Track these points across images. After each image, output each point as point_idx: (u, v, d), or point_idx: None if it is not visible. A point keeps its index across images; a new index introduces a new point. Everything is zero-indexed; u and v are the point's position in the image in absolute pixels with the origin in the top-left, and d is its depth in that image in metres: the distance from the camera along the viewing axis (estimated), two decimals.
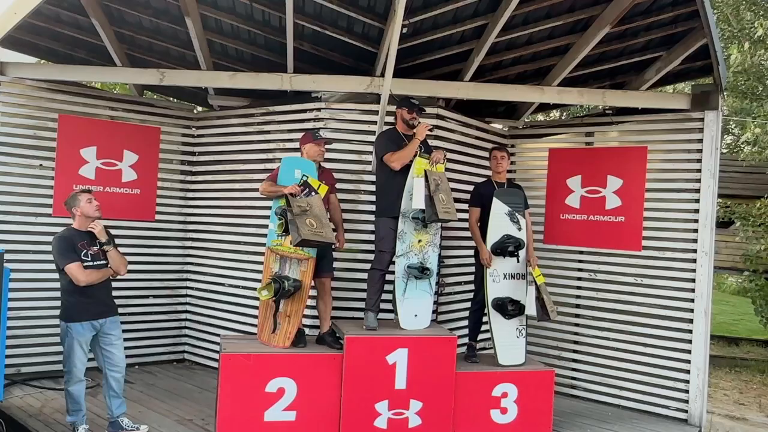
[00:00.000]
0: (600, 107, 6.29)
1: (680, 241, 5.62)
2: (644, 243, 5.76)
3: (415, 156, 4.81)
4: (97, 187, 5.88)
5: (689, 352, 5.49)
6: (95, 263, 4.30)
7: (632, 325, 5.80)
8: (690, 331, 5.49)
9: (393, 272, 4.85)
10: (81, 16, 5.53)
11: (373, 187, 5.24)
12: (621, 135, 6.05)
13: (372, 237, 5.11)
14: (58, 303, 4.36)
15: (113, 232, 4.54)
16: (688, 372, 5.48)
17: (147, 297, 6.42)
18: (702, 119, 5.53)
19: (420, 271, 4.80)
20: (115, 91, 8.77)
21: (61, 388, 4.52)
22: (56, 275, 4.34)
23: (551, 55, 6.11)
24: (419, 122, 4.91)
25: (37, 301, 5.70)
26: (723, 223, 12.27)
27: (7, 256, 5.37)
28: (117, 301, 4.60)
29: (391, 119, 5.20)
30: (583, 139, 6.28)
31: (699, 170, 5.51)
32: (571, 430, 5.10)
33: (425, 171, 4.80)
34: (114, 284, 4.58)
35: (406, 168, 4.81)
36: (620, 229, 5.87)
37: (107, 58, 5.94)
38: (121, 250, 4.53)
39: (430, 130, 4.90)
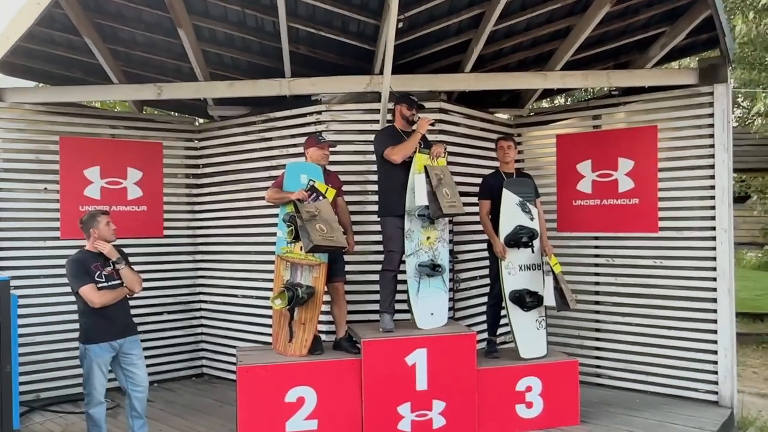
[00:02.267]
0: (605, 89, 6.17)
1: (698, 219, 5.48)
2: (661, 224, 5.63)
3: (414, 152, 4.73)
4: (102, 206, 5.83)
5: (715, 332, 5.35)
6: (110, 283, 4.24)
7: (654, 309, 5.67)
8: (714, 311, 5.36)
9: (405, 272, 4.76)
10: (74, 35, 5.49)
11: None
12: (629, 116, 5.92)
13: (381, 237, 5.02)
14: (72, 326, 4.33)
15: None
16: (715, 352, 5.35)
17: (161, 314, 6.38)
18: (711, 93, 5.37)
19: (431, 269, 4.72)
20: (116, 110, 8.77)
21: (81, 411, 4.48)
22: (69, 298, 4.30)
23: (552, 39, 6.00)
24: (419, 118, 4.83)
25: (52, 326, 5.68)
26: (739, 198, 12.07)
27: (18, 282, 5.38)
28: None
29: (391, 117, 5.12)
30: (591, 123, 6.15)
31: (712, 145, 5.37)
32: (600, 419, 4.99)
33: (425, 166, 4.71)
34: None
35: (408, 165, 4.73)
36: (635, 211, 5.75)
37: (104, 76, 5.91)
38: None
39: (432, 124, 4.81)
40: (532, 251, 5.08)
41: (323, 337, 5.01)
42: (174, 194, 6.52)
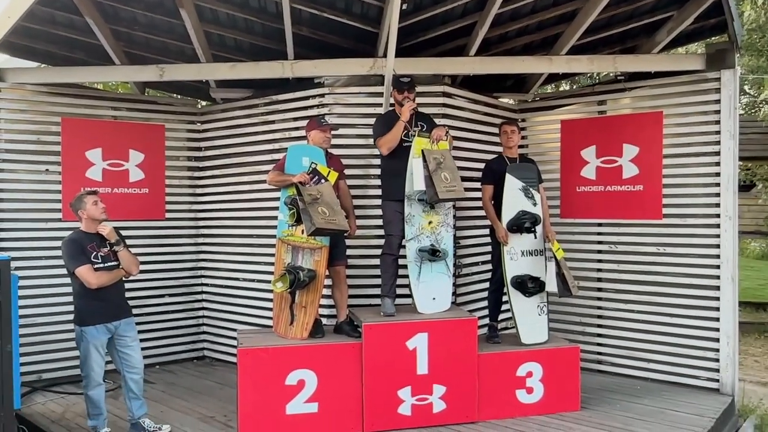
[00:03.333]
0: (611, 74, 6.11)
1: (702, 207, 5.44)
2: (665, 211, 5.59)
3: (414, 136, 4.70)
4: (105, 188, 5.81)
5: (717, 320, 5.34)
6: (106, 265, 4.23)
7: (657, 296, 5.65)
8: (717, 299, 5.34)
9: (405, 256, 4.74)
10: (75, 15, 5.44)
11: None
12: (634, 101, 5.86)
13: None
14: (73, 307, 4.32)
15: (124, 233, 4.48)
16: (717, 340, 5.34)
17: (163, 296, 6.39)
18: (718, 79, 5.32)
19: (431, 254, 4.68)
20: (118, 91, 8.73)
21: (82, 393, 4.49)
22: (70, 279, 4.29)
23: (558, 23, 5.92)
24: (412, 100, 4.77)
25: (54, 307, 5.68)
26: (744, 187, 11.99)
27: (19, 263, 5.39)
28: (133, 302, 4.55)
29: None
30: (596, 108, 6.10)
31: (718, 132, 5.32)
32: (600, 406, 4.98)
33: (422, 150, 4.66)
34: (129, 284, 4.53)
35: (409, 149, 4.69)
36: (639, 198, 5.71)
37: (105, 57, 5.86)
38: (133, 250, 4.47)
39: (414, 109, 4.75)
40: (535, 237, 5.05)
41: (324, 320, 5.01)
42: (176, 177, 6.50)
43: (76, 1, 5.10)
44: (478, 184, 5.32)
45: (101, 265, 4.20)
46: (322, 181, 4.52)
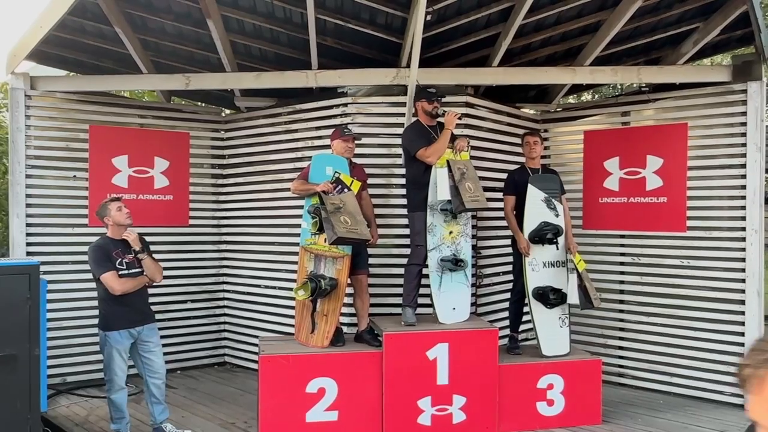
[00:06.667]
0: (635, 85, 6.07)
1: (727, 220, 5.39)
2: (689, 223, 5.54)
3: None
4: (130, 195, 5.93)
5: (743, 334, 5.26)
6: (131, 271, 4.29)
7: (680, 309, 5.58)
8: (743, 313, 5.26)
9: (427, 266, 4.75)
10: (105, 25, 5.55)
11: (404, 181, 5.14)
12: (659, 113, 5.83)
13: (406, 231, 5.01)
14: (98, 312, 4.38)
15: (148, 239, 4.54)
16: (742, 355, 5.23)
17: (185, 302, 6.46)
18: (744, 91, 5.27)
19: (454, 263, 4.69)
20: (144, 99, 8.86)
21: (105, 396, 4.55)
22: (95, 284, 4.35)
23: (582, 34, 5.92)
24: (444, 111, 4.77)
25: (79, 311, 5.78)
26: None
27: (46, 268, 5.48)
28: (156, 307, 4.61)
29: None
30: (619, 119, 6.06)
31: (744, 144, 5.26)
32: (622, 420, 4.93)
33: (447, 161, 4.67)
34: (152, 290, 4.57)
35: None
36: (663, 210, 5.66)
37: (133, 66, 5.96)
38: (157, 256, 4.53)
39: (459, 118, 4.77)
40: (557, 248, 5.03)
41: (345, 329, 5.02)
42: (200, 184, 6.57)
43: (107, 12, 5.21)
44: (500, 195, 5.31)
45: (126, 272, 4.26)
46: (345, 190, 4.55)
